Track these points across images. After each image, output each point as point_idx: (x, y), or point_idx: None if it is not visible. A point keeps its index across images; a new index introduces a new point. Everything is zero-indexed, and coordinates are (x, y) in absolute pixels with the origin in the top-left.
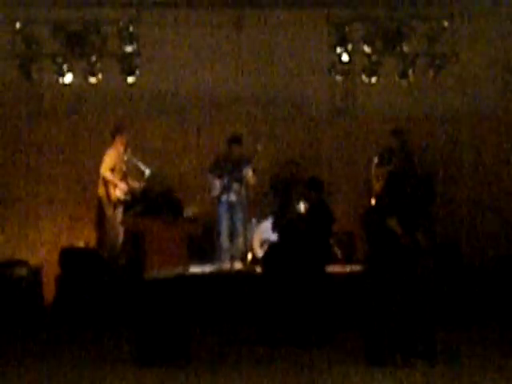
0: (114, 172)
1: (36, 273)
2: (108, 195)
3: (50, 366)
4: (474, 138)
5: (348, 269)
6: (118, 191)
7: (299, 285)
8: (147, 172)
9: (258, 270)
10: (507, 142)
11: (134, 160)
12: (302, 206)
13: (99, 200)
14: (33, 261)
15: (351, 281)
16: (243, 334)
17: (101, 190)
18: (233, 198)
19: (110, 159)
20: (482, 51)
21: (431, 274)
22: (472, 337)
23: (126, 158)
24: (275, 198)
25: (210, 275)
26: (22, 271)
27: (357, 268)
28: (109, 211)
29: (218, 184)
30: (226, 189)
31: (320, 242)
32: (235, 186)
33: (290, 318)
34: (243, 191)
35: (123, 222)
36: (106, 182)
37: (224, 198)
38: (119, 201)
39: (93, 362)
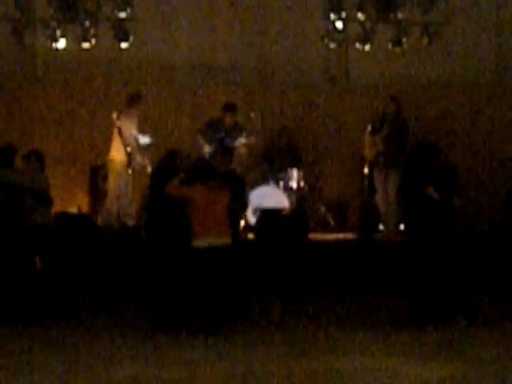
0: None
1: None
2: (129, 160)
3: (40, 328)
4: (467, 105)
5: (341, 236)
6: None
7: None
8: (142, 140)
9: (251, 237)
10: (501, 109)
11: (128, 125)
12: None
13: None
14: None
15: (343, 248)
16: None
17: (118, 155)
18: None
19: (133, 126)
20: (476, 19)
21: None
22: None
23: (118, 124)
24: (267, 165)
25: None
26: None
27: (349, 236)
28: (123, 177)
29: (207, 149)
30: (213, 157)
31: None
32: None
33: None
34: (233, 160)
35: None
36: (127, 148)
37: None
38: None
39: (82, 325)
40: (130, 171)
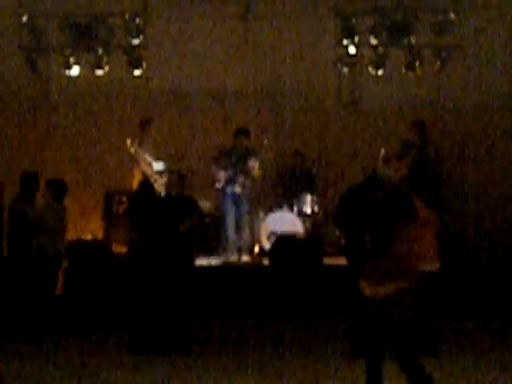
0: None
1: None
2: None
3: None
4: (481, 130)
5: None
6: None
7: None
8: (156, 166)
9: (266, 262)
10: None
11: (142, 152)
12: (308, 198)
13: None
14: None
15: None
16: (250, 326)
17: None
18: (237, 190)
19: (147, 153)
20: (489, 43)
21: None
22: (478, 329)
23: (132, 151)
24: (281, 189)
25: (218, 267)
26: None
27: None
28: None
29: (222, 176)
30: (230, 181)
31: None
32: (240, 178)
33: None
34: (248, 183)
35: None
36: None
37: (228, 189)
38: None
39: (91, 354)
40: None
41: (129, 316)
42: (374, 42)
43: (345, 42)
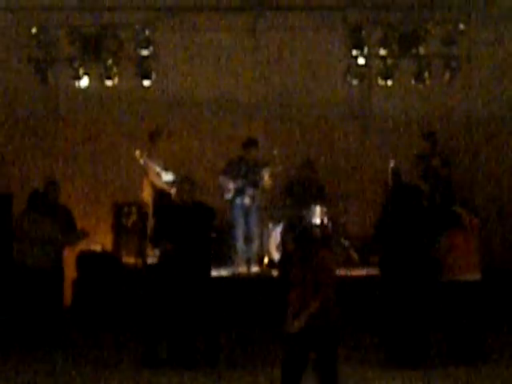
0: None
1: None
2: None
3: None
4: (491, 142)
5: (364, 272)
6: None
7: None
8: (165, 177)
9: (275, 273)
10: None
11: (151, 163)
12: (317, 209)
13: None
14: None
15: (367, 284)
16: (259, 338)
17: (148, 195)
18: (247, 201)
19: (157, 164)
20: (499, 54)
21: None
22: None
23: (141, 162)
24: (290, 200)
25: (227, 279)
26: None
27: (373, 271)
28: None
29: (231, 186)
30: (239, 192)
31: None
32: (249, 189)
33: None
34: (258, 194)
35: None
36: (156, 187)
37: (238, 200)
38: None
39: (101, 365)
40: None
41: (144, 328)
42: (383, 53)
43: (354, 53)
